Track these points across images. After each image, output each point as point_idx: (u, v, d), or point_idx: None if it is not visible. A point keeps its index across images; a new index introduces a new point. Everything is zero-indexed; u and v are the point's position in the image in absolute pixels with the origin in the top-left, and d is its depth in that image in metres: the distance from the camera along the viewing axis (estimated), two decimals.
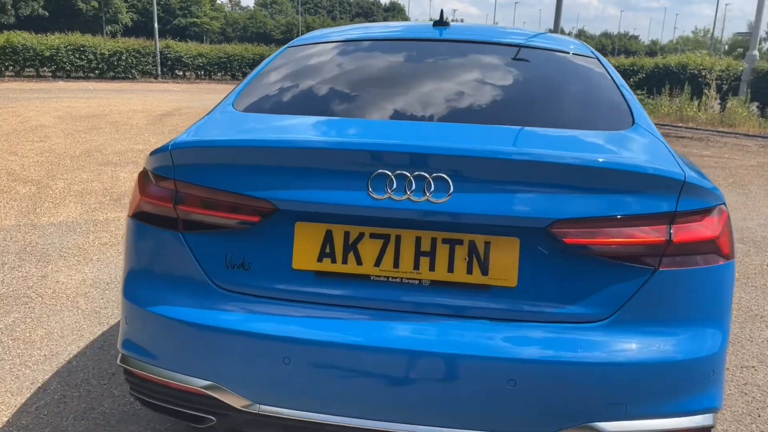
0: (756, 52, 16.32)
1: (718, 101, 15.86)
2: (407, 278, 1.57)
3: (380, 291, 1.57)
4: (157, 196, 1.71)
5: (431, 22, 2.60)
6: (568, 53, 2.35)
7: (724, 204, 1.62)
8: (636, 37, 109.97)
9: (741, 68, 16.55)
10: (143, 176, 1.79)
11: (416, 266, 1.56)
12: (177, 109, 14.79)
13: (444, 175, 1.50)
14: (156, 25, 27.30)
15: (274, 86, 2.16)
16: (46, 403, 2.41)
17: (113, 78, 25.70)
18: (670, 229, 1.51)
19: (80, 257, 4.12)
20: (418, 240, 1.56)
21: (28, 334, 2.98)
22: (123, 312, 1.79)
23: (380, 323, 1.56)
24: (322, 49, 2.42)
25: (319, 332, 1.55)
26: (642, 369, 1.49)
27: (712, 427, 1.58)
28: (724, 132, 13.45)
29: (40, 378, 2.59)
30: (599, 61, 2.36)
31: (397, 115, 1.90)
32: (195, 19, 51.15)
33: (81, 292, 3.53)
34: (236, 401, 1.60)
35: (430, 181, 1.50)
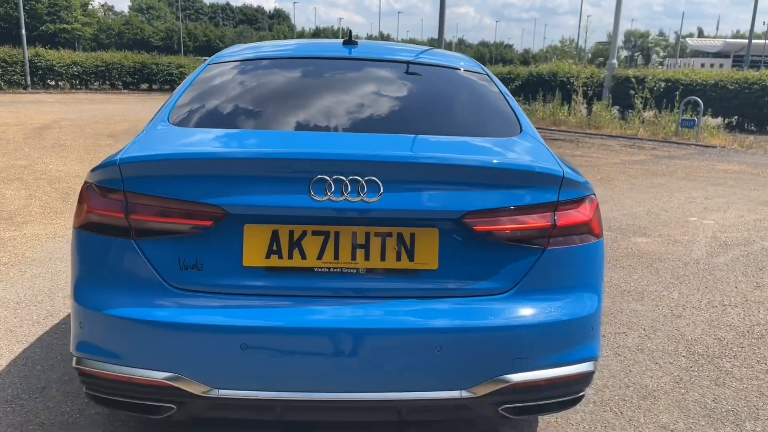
0: (615, 61, 18.10)
1: (585, 105, 17.43)
2: (346, 268, 1.83)
3: (323, 280, 1.82)
4: (107, 208, 1.84)
5: (341, 40, 2.88)
6: (462, 69, 2.72)
7: (594, 194, 2.02)
8: (511, 46, 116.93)
9: (603, 75, 18.28)
10: (87, 190, 1.91)
11: (353, 257, 1.82)
12: (55, 121, 13.99)
13: (375, 179, 1.78)
14: (23, 32, 25.34)
15: (205, 102, 2.33)
16: None
17: None
18: (554, 215, 1.88)
19: None
20: (354, 235, 1.82)
21: None
22: (75, 317, 1.90)
23: (325, 308, 1.80)
24: (244, 67, 2.62)
25: (271, 320, 1.77)
26: (539, 329, 1.85)
27: (593, 372, 1.97)
28: (591, 133, 14.84)
29: None
30: (487, 75, 2.75)
31: (329, 128, 2.16)
32: (65, 25, 47.83)
33: None
34: (197, 389, 1.78)
35: (363, 183, 1.77)
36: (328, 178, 1.76)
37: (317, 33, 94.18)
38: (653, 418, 2.57)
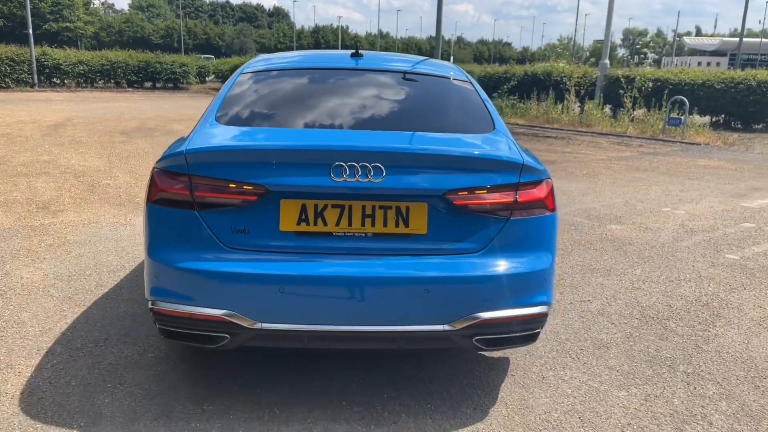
0: (607, 61, 18.68)
1: (578, 104, 18.02)
2: (357, 232, 2.42)
3: (340, 241, 2.41)
4: (175, 187, 2.43)
5: (349, 52, 3.46)
6: (451, 78, 3.31)
7: (549, 178, 2.61)
8: (509, 44, 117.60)
9: (595, 75, 18.87)
10: (158, 174, 2.50)
11: (363, 224, 2.41)
12: (68, 119, 14.56)
13: (380, 165, 2.36)
14: (30, 31, 25.90)
15: (243, 105, 2.92)
16: (58, 361, 3.00)
17: None
18: (516, 193, 2.47)
19: (33, 257, 4.56)
20: (363, 207, 2.41)
21: (16, 317, 3.49)
22: (150, 270, 2.49)
23: (341, 262, 2.39)
24: (271, 76, 3.21)
25: (301, 270, 2.36)
26: (503, 279, 2.44)
27: (547, 314, 2.56)
28: (582, 131, 15.44)
29: (44, 346, 3.16)
30: (471, 83, 3.34)
31: (344, 126, 2.76)
32: (68, 24, 48.40)
33: (48, 284, 4.03)
34: (246, 322, 2.37)
35: (370, 168, 2.36)
36: (344, 164, 2.35)
37: (316, 31, 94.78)
38: (603, 362, 3.17)
